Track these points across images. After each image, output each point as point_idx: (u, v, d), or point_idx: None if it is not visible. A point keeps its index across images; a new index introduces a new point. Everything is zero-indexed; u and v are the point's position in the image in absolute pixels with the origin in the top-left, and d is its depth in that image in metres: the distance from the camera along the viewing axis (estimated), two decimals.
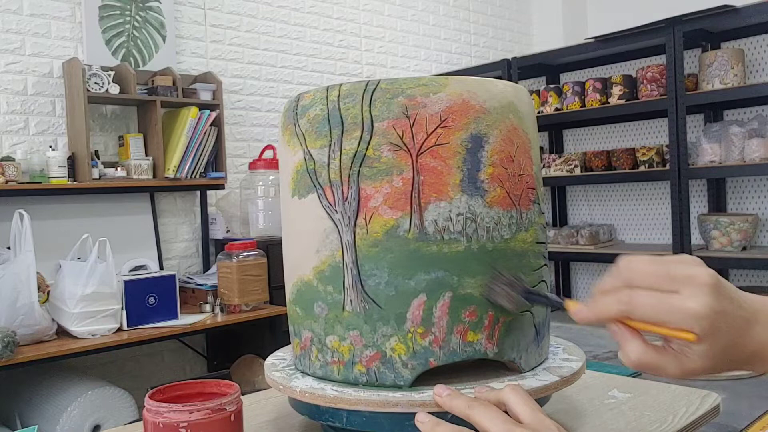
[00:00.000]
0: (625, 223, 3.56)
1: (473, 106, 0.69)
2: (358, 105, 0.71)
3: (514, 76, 3.55)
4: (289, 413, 0.87)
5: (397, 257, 0.68)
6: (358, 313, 0.70)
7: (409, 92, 0.69)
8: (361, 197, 0.69)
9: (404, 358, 0.69)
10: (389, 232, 0.68)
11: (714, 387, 1.02)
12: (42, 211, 2.75)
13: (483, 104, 0.70)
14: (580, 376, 0.75)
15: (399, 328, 0.69)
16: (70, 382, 2.44)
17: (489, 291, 0.69)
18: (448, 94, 0.69)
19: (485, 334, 0.69)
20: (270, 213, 3.13)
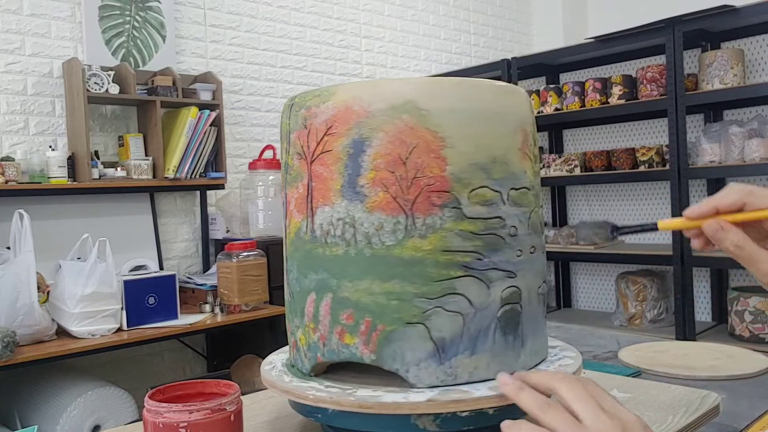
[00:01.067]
0: (625, 223, 3.56)
1: (356, 111, 0.70)
2: (285, 118, 0.78)
3: (514, 76, 3.55)
4: (289, 413, 0.87)
5: (300, 256, 0.75)
6: (289, 304, 0.79)
7: (308, 103, 0.73)
8: (287, 201, 0.77)
9: (304, 348, 0.76)
10: (297, 233, 0.75)
11: (714, 387, 1.02)
12: (42, 211, 2.75)
13: (367, 108, 0.70)
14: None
15: (301, 321, 0.75)
16: (70, 382, 2.44)
17: (579, 234, 0.80)
18: (334, 102, 0.71)
19: (361, 339, 0.70)
20: (270, 213, 3.13)
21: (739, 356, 1.29)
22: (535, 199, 0.76)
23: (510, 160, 0.72)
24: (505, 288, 0.71)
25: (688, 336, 2.88)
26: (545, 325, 0.79)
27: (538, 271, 0.75)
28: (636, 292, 3.18)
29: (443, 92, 0.70)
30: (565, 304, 3.81)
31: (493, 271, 0.69)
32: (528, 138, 0.75)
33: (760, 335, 2.76)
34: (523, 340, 0.72)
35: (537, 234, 0.76)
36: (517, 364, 0.72)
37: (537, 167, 0.77)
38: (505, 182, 0.71)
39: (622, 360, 1.30)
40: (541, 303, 0.76)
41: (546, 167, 3.44)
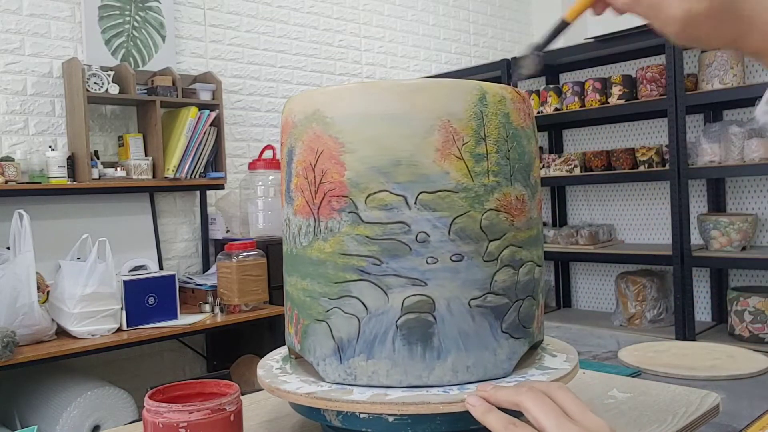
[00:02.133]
0: (625, 223, 3.56)
1: (290, 122, 0.75)
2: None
3: (514, 76, 3.54)
4: (289, 413, 0.87)
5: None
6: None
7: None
8: None
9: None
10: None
11: (714, 387, 1.02)
12: (42, 211, 2.75)
13: (293, 119, 0.74)
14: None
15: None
16: (69, 382, 2.44)
17: (521, 73, 0.77)
18: (284, 114, 0.78)
19: (294, 330, 0.76)
20: (270, 213, 3.13)
21: (739, 356, 1.29)
22: (470, 202, 0.69)
23: (420, 162, 0.67)
24: (409, 296, 0.68)
25: (687, 336, 2.88)
26: (501, 341, 0.71)
27: (473, 281, 0.69)
28: (636, 292, 3.17)
29: (346, 99, 0.70)
30: (565, 304, 3.81)
31: (392, 277, 0.68)
32: (456, 136, 0.68)
33: (759, 335, 2.76)
34: (441, 354, 0.68)
35: (469, 240, 0.69)
36: (429, 377, 0.69)
37: (486, 166, 0.70)
38: (411, 186, 0.67)
39: (622, 360, 1.30)
40: (482, 316, 0.69)
41: (546, 167, 3.44)
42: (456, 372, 0.69)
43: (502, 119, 0.71)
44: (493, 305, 0.70)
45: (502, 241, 0.71)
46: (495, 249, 0.70)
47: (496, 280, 0.70)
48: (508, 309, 0.71)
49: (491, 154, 0.70)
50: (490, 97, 0.71)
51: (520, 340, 0.73)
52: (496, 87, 0.72)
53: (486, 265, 0.70)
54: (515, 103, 0.73)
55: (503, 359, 0.71)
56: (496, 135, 0.70)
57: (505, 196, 0.71)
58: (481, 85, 0.71)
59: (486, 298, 0.70)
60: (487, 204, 0.70)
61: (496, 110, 0.71)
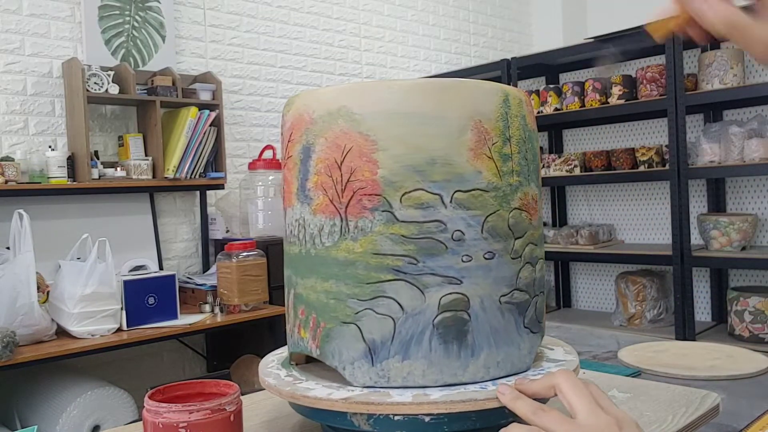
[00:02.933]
0: (625, 223, 3.56)
1: (305, 118, 0.73)
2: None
3: (514, 76, 3.55)
4: (289, 413, 0.87)
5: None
6: None
7: (283, 111, 0.79)
8: None
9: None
10: None
11: (714, 387, 1.02)
12: (42, 211, 2.75)
13: (312, 115, 0.73)
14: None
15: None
16: (69, 382, 2.44)
17: (603, 67, 0.76)
18: (292, 110, 0.76)
19: (311, 334, 0.74)
20: (269, 213, 3.13)
21: (738, 356, 1.29)
22: (499, 201, 0.70)
23: (455, 161, 0.68)
24: (445, 294, 0.68)
25: (687, 336, 2.88)
26: (524, 336, 0.73)
27: (502, 278, 0.71)
28: (636, 292, 3.18)
29: (375, 96, 0.70)
30: (565, 304, 3.81)
31: (429, 276, 0.68)
32: (487, 136, 0.70)
33: (759, 335, 2.76)
34: (474, 351, 0.69)
35: (499, 238, 0.70)
36: (464, 375, 0.69)
37: (511, 166, 0.72)
38: (447, 184, 0.68)
39: (622, 360, 1.30)
40: (509, 312, 0.71)
41: (546, 167, 3.44)
42: (488, 368, 0.70)
43: (521, 121, 0.74)
44: (518, 301, 0.73)
45: (525, 238, 0.73)
46: (519, 246, 0.73)
47: (520, 277, 0.73)
48: (528, 305, 0.74)
49: (514, 154, 0.72)
50: (512, 99, 0.73)
51: (537, 335, 0.76)
52: (515, 90, 0.75)
53: (513, 262, 0.72)
54: (528, 105, 0.76)
55: (525, 353, 0.73)
56: (518, 136, 0.73)
57: (525, 195, 0.74)
58: (502, 87, 0.73)
59: (513, 294, 0.72)
60: (513, 203, 0.72)
61: (517, 112, 0.73)
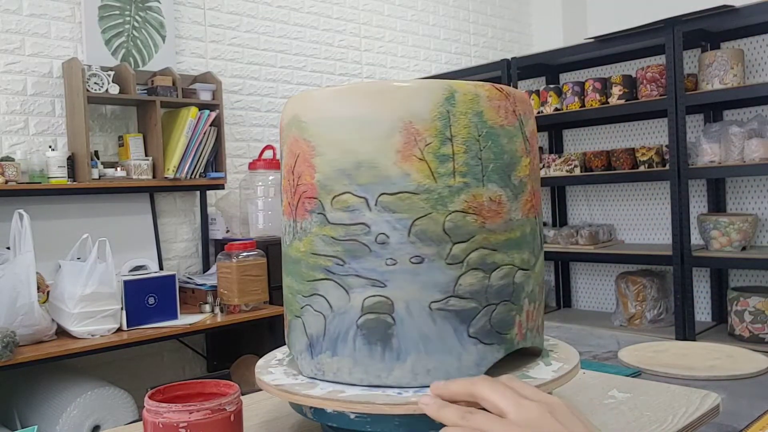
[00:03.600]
0: (625, 223, 3.56)
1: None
2: None
3: (514, 76, 3.55)
4: (289, 413, 0.87)
5: None
6: None
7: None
8: None
9: None
10: None
11: (714, 387, 1.02)
12: (42, 211, 2.75)
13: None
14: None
15: None
16: (69, 382, 2.44)
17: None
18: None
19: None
20: (270, 213, 3.13)
21: (738, 356, 1.29)
22: (432, 204, 0.68)
23: (381, 164, 0.68)
24: (369, 296, 0.69)
25: (687, 336, 2.88)
26: (468, 346, 0.69)
27: (433, 284, 0.68)
28: (636, 292, 3.18)
29: (316, 103, 0.72)
30: (565, 304, 3.81)
31: (353, 277, 0.69)
32: (418, 137, 0.68)
33: (759, 335, 2.76)
34: (400, 355, 0.69)
35: (431, 242, 0.68)
36: (388, 377, 0.69)
37: (452, 167, 0.69)
38: (372, 187, 0.68)
39: (622, 360, 1.30)
40: (445, 319, 0.68)
41: (546, 167, 3.44)
42: (416, 374, 0.69)
43: (474, 118, 0.70)
44: (457, 309, 0.69)
45: (470, 243, 0.69)
46: (460, 252, 0.69)
47: (460, 284, 0.69)
48: (476, 313, 0.69)
49: (459, 154, 0.69)
50: (460, 95, 0.69)
51: (493, 346, 0.70)
52: (469, 85, 0.70)
53: (449, 267, 0.69)
54: (493, 101, 0.71)
55: (470, 365, 0.70)
56: (465, 134, 0.69)
57: (474, 198, 0.69)
58: (450, 84, 0.70)
59: (448, 301, 0.69)
60: (452, 206, 0.68)
61: (467, 109, 0.69)
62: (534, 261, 0.75)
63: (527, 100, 0.77)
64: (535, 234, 0.75)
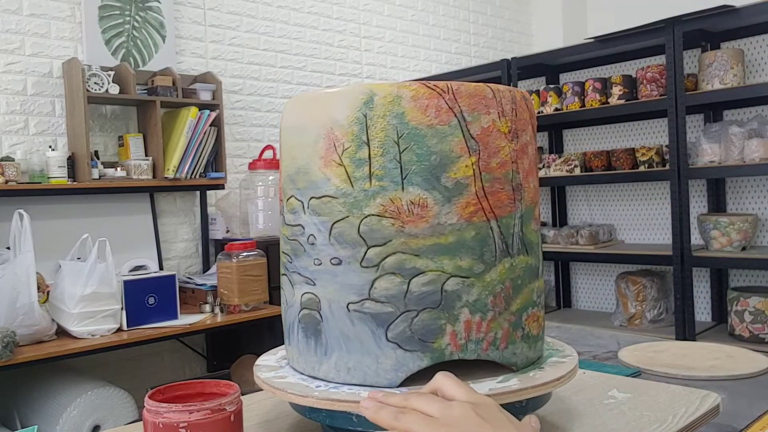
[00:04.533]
0: (625, 223, 3.56)
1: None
2: None
3: (514, 76, 3.54)
4: (289, 413, 0.87)
5: None
6: None
7: None
8: None
9: None
10: None
11: (714, 387, 1.02)
12: (42, 211, 2.75)
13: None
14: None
15: None
16: (69, 382, 2.44)
17: None
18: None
19: None
20: (270, 213, 3.13)
21: (738, 356, 1.29)
22: (348, 208, 0.69)
23: (311, 170, 0.72)
24: (304, 293, 0.74)
25: (687, 336, 2.88)
26: (386, 350, 0.69)
27: (350, 286, 0.69)
28: (636, 292, 3.18)
29: (287, 111, 0.78)
30: (565, 304, 3.81)
31: (296, 274, 0.76)
32: (337, 143, 0.69)
33: (759, 335, 2.76)
34: (327, 351, 0.72)
35: (347, 245, 0.69)
36: (319, 370, 0.74)
37: (368, 171, 0.68)
38: (305, 191, 0.73)
39: (622, 360, 1.30)
40: (361, 321, 0.69)
41: (546, 167, 3.44)
42: (339, 371, 0.72)
43: (393, 120, 0.68)
44: (373, 312, 0.69)
45: (385, 247, 0.68)
46: (374, 255, 0.68)
47: (375, 287, 0.69)
48: (393, 318, 0.68)
49: (375, 157, 0.68)
50: (379, 98, 0.68)
51: (415, 354, 0.69)
52: (391, 86, 0.69)
53: (364, 270, 0.69)
54: (419, 100, 0.68)
55: (388, 369, 0.69)
56: (382, 137, 0.68)
57: (392, 201, 0.68)
58: (371, 88, 0.69)
59: (364, 303, 0.69)
60: (367, 209, 0.68)
61: (385, 112, 0.68)
62: (482, 269, 0.70)
63: (484, 93, 0.71)
64: (485, 239, 0.70)
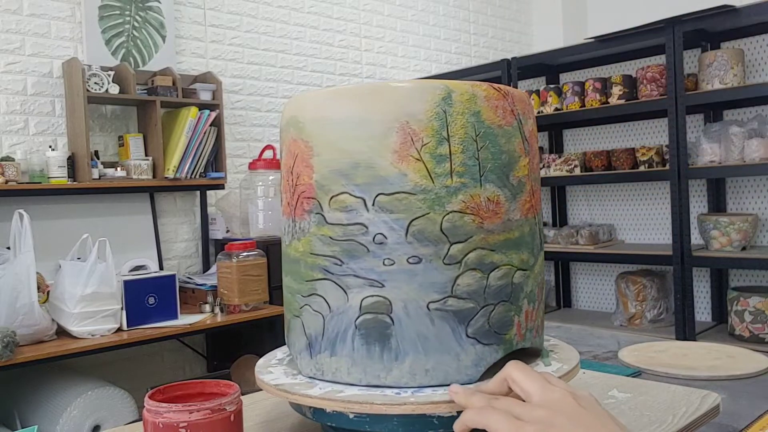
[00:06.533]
0: (625, 223, 3.56)
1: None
2: None
3: (514, 76, 3.55)
4: (289, 413, 0.87)
5: None
6: None
7: None
8: None
9: None
10: None
11: (714, 387, 1.02)
12: (42, 211, 2.75)
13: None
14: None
15: None
16: (70, 382, 2.44)
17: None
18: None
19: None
20: (270, 213, 3.13)
21: (739, 356, 1.29)
22: (429, 204, 0.68)
23: (378, 164, 0.68)
24: (367, 296, 0.69)
25: (688, 336, 2.88)
26: (466, 346, 0.69)
27: (430, 284, 0.68)
28: (636, 292, 3.18)
29: (313, 103, 0.73)
30: (565, 304, 3.81)
31: (351, 277, 0.70)
32: (415, 137, 0.68)
33: (760, 335, 2.76)
34: (399, 355, 0.69)
35: (428, 243, 0.68)
36: (386, 378, 0.69)
37: (449, 167, 0.69)
38: (369, 188, 0.69)
39: (622, 360, 1.30)
40: (442, 319, 0.69)
41: (546, 167, 3.44)
42: (414, 374, 0.69)
43: (471, 118, 0.69)
44: (455, 309, 0.69)
45: (467, 244, 0.69)
46: (457, 252, 0.69)
47: (458, 284, 0.69)
48: (474, 314, 0.69)
49: (456, 154, 0.69)
50: (457, 96, 0.69)
51: (491, 347, 0.70)
52: (466, 85, 0.70)
53: (447, 268, 0.69)
54: (491, 100, 0.71)
55: (468, 365, 0.70)
56: (462, 134, 0.69)
57: (472, 198, 0.69)
58: (447, 84, 0.70)
59: (446, 301, 0.69)
60: (450, 206, 0.68)
61: (464, 109, 0.69)
62: (533, 261, 0.74)
63: (526, 99, 0.76)
64: (534, 234, 0.75)
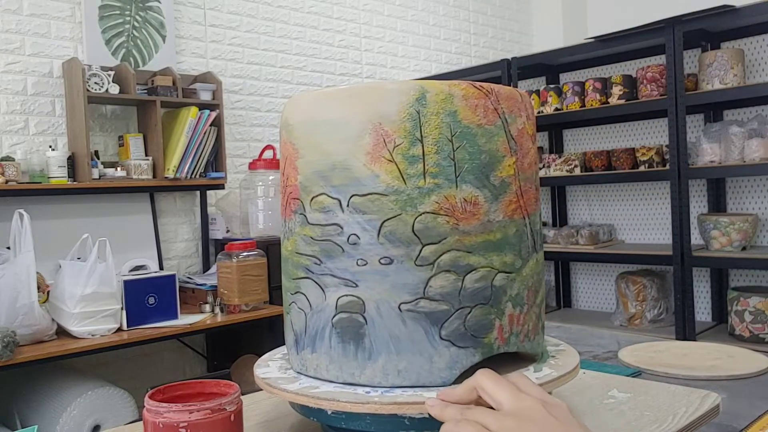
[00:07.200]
0: (625, 223, 3.56)
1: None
2: None
3: (514, 76, 3.54)
4: (289, 413, 0.87)
5: None
6: None
7: None
8: None
9: None
10: None
11: (714, 387, 1.02)
12: (42, 211, 2.75)
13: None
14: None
15: None
16: (70, 382, 2.44)
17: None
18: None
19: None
20: (270, 213, 3.13)
21: (739, 356, 1.29)
22: (401, 205, 0.68)
23: (353, 166, 0.69)
24: (342, 296, 0.70)
25: (688, 336, 2.88)
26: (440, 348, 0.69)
27: (402, 285, 0.68)
28: (636, 292, 3.18)
29: (301, 106, 0.74)
30: (565, 304, 3.81)
31: (329, 276, 0.71)
32: (387, 139, 0.68)
33: (760, 335, 2.76)
34: (372, 354, 0.69)
35: (399, 244, 0.68)
36: (361, 376, 0.70)
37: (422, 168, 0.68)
38: (344, 189, 0.69)
39: (622, 360, 1.30)
40: (415, 320, 0.68)
41: (546, 167, 3.44)
42: (386, 374, 0.69)
43: (447, 118, 0.69)
44: (427, 311, 0.68)
45: (441, 245, 0.68)
46: (430, 253, 0.68)
47: (431, 286, 0.68)
48: (448, 316, 0.69)
49: (429, 155, 0.68)
50: (432, 96, 0.69)
51: (467, 350, 0.69)
52: (443, 85, 0.69)
53: (419, 269, 0.68)
54: (469, 99, 0.69)
55: (442, 367, 0.69)
56: (436, 135, 0.68)
57: (447, 199, 0.68)
58: (422, 85, 0.69)
59: (418, 303, 0.68)
60: (422, 207, 0.68)
61: (439, 109, 0.69)
62: (520, 264, 0.73)
63: (517, 97, 0.74)
64: (521, 236, 0.73)
